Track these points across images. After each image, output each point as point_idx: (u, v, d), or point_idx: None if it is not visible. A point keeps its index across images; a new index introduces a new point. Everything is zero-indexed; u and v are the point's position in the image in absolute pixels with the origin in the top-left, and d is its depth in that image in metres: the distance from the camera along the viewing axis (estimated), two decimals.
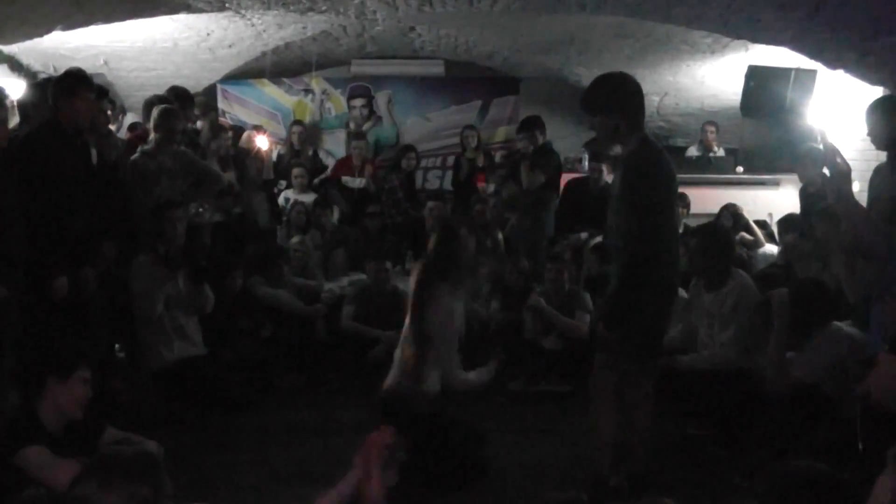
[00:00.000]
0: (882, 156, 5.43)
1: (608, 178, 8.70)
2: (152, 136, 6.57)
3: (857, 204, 4.51)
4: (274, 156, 9.98)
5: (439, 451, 4.69)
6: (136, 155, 6.55)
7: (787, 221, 7.34)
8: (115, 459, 2.66)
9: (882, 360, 2.69)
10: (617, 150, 4.71)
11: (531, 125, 8.66)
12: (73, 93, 5.31)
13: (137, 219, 6.25)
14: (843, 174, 4.39)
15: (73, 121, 5.33)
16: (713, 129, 10.36)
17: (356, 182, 9.85)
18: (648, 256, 4.16)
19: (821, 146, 6.07)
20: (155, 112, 6.57)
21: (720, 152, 10.36)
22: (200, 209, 6.98)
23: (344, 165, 10.19)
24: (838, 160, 4.40)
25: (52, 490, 2.92)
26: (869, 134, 5.22)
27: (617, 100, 4.30)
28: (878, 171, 5.42)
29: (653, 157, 4.27)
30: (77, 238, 5.22)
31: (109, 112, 6.93)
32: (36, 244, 4.93)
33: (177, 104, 6.93)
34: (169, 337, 6.10)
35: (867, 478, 3.20)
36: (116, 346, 6.42)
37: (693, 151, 10.54)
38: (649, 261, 4.17)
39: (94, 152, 5.74)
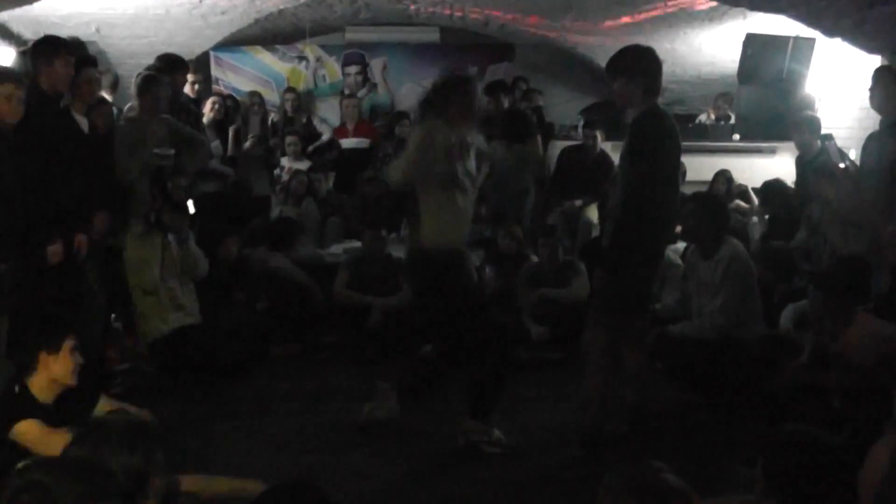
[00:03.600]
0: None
1: (603, 145, 8.68)
2: (135, 102, 6.53)
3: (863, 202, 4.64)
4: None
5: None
6: (121, 121, 6.52)
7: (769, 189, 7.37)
8: (107, 428, 2.66)
9: (859, 319, 2.70)
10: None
11: (494, 89, 8.60)
12: (53, 58, 5.25)
13: (126, 185, 6.21)
14: (849, 175, 4.49)
15: (52, 86, 5.28)
16: (725, 102, 10.35)
17: (349, 143, 9.81)
18: (646, 204, 4.40)
19: (825, 143, 6.09)
20: (137, 79, 6.54)
21: (732, 120, 10.34)
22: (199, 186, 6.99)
23: (341, 131, 10.15)
24: (846, 164, 4.48)
25: (48, 460, 2.92)
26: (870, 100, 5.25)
27: (640, 65, 4.58)
28: (872, 137, 5.43)
29: (658, 121, 4.54)
30: (68, 205, 5.20)
31: (104, 82, 6.88)
32: (30, 212, 4.91)
33: (166, 72, 6.88)
34: (165, 307, 6.10)
35: (851, 439, 3.24)
36: (113, 315, 6.41)
37: (703, 118, 10.55)
38: (646, 208, 4.41)
39: (83, 120, 5.70)
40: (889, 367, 2.76)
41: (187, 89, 8.05)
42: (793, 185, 7.60)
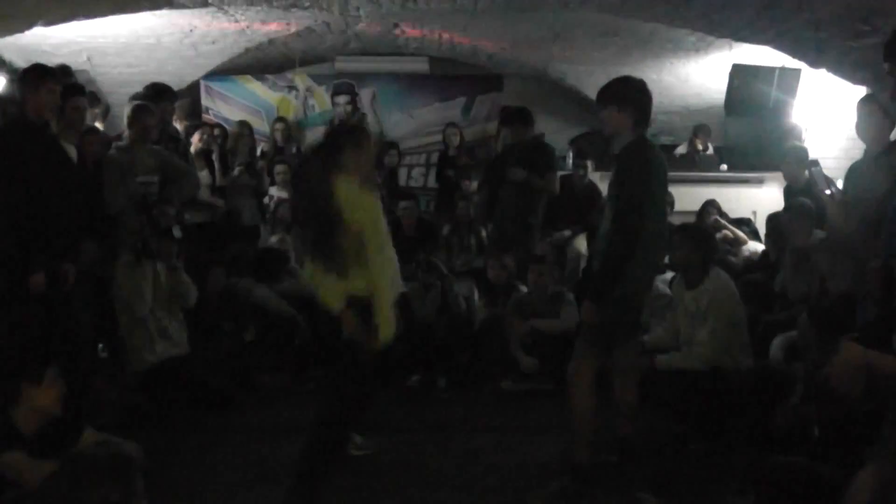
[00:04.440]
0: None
1: (591, 175, 8.70)
2: (126, 132, 6.54)
3: (855, 229, 4.63)
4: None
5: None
6: (111, 150, 6.52)
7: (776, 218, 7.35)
8: (87, 461, 2.65)
9: (844, 348, 2.70)
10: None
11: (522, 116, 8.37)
12: (38, 86, 5.26)
13: (115, 215, 6.20)
14: (838, 204, 4.49)
15: (38, 113, 5.29)
16: (704, 135, 10.39)
17: None
18: (634, 233, 4.39)
19: (811, 170, 6.13)
20: (128, 109, 6.55)
21: (710, 151, 10.38)
22: (187, 216, 6.98)
23: None
24: (832, 191, 4.50)
25: (29, 493, 2.91)
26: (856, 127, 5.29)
27: (630, 95, 4.58)
28: (855, 168, 5.46)
29: (645, 152, 4.54)
30: (55, 234, 5.18)
31: (97, 111, 6.89)
32: (14, 240, 4.89)
33: (154, 100, 6.89)
34: (152, 338, 6.09)
35: (840, 468, 3.23)
36: (100, 345, 6.38)
37: (682, 150, 10.60)
38: (635, 237, 4.39)
39: (72, 149, 5.69)
40: (873, 396, 2.76)
41: (179, 127, 8.06)
42: None
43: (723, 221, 8.48)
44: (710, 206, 8.60)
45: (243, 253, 7.49)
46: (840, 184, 6.06)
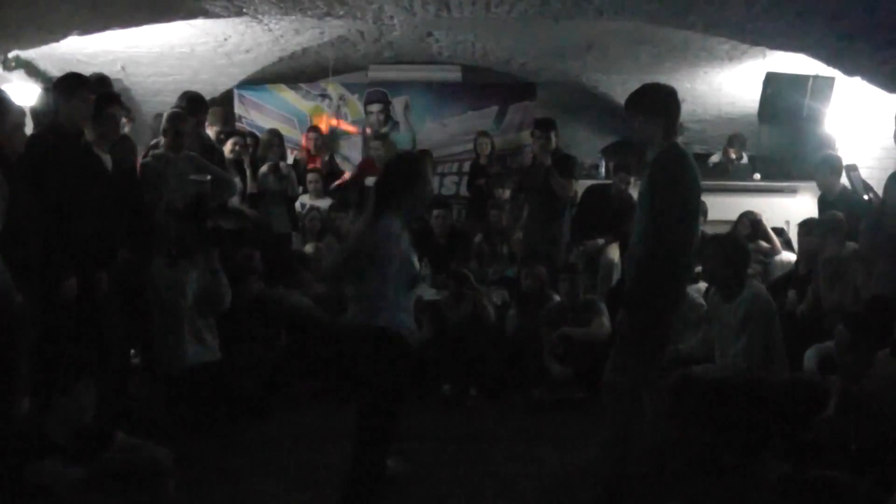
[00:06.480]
0: None
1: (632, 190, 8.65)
2: (162, 139, 6.59)
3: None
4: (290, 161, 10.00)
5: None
6: (146, 158, 6.57)
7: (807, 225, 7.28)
8: (118, 466, 2.66)
9: (880, 360, 2.68)
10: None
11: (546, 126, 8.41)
12: (72, 94, 5.32)
13: (149, 221, 6.24)
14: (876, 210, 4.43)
15: (72, 122, 5.34)
16: (738, 145, 10.33)
17: None
18: (669, 243, 4.38)
19: (850, 174, 6.06)
20: (164, 116, 6.61)
21: (744, 160, 10.31)
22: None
23: (368, 166, 10.02)
24: (870, 196, 4.45)
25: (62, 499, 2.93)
26: None
27: (660, 103, 4.55)
28: (893, 176, 5.40)
29: (680, 160, 4.50)
30: (88, 241, 5.23)
31: (125, 120, 6.94)
32: (46, 248, 4.93)
33: (188, 109, 6.95)
34: (185, 342, 6.11)
35: (875, 483, 3.20)
36: (132, 351, 6.42)
37: (715, 159, 10.54)
38: (669, 247, 4.38)
39: (106, 157, 5.73)
40: None
41: (210, 133, 8.11)
42: None
43: (765, 226, 8.42)
44: (746, 217, 8.53)
45: (249, 258, 7.44)
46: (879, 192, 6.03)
